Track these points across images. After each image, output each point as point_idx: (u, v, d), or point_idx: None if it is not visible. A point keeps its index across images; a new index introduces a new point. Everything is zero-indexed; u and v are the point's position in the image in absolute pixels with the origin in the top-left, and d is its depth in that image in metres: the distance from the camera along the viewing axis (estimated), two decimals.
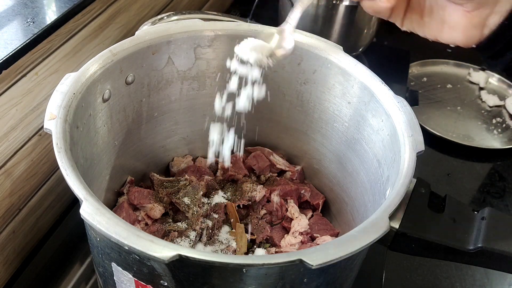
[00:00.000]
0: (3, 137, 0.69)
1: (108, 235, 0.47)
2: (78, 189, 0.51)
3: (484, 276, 0.83)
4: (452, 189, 0.97)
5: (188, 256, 0.46)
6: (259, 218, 0.76)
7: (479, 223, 0.56)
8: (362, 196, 0.71)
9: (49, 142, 0.78)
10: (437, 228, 0.55)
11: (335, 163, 0.77)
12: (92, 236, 0.58)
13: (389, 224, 0.52)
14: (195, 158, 0.84)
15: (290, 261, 0.47)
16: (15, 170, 0.73)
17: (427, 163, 1.01)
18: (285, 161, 0.84)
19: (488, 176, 1.01)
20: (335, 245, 0.49)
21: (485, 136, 1.08)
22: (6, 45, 0.67)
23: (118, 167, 0.74)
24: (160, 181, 0.76)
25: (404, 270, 0.83)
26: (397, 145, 0.62)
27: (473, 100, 1.17)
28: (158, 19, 0.90)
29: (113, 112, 0.69)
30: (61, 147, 0.54)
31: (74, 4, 0.77)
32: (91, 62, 0.64)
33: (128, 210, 0.72)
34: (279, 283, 0.52)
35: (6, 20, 0.72)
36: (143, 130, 0.76)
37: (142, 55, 0.69)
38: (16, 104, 0.70)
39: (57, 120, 0.57)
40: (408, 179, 0.56)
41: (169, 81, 0.74)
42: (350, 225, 0.74)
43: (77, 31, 0.80)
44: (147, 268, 0.52)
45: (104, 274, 0.60)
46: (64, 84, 0.61)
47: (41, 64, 0.73)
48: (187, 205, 0.72)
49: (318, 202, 0.79)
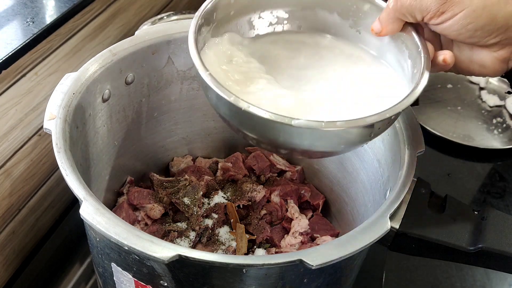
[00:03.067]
0: (3, 137, 0.69)
1: (108, 235, 0.47)
2: (78, 189, 0.51)
3: (484, 276, 0.83)
4: (452, 189, 0.97)
5: (188, 256, 0.46)
6: (259, 218, 0.76)
7: (479, 223, 0.56)
8: (362, 196, 0.71)
9: (48, 142, 0.78)
10: (437, 228, 0.55)
11: (335, 163, 0.77)
12: (92, 236, 0.58)
13: (389, 224, 0.52)
14: (195, 158, 0.84)
15: (290, 261, 0.47)
16: (15, 170, 0.73)
17: (427, 163, 1.00)
18: (285, 161, 0.84)
19: (489, 176, 1.01)
20: (335, 245, 0.49)
21: (485, 136, 1.08)
22: (6, 45, 0.67)
23: (118, 167, 0.74)
24: (160, 181, 0.76)
25: (404, 270, 0.82)
26: (397, 145, 0.62)
27: (473, 100, 1.17)
28: (158, 19, 0.90)
29: (113, 112, 0.69)
30: (61, 147, 0.54)
31: (74, 4, 0.77)
32: (90, 62, 0.64)
33: (128, 210, 0.72)
34: (279, 283, 0.52)
35: (5, 20, 0.72)
36: (143, 130, 0.76)
37: (142, 55, 0.69)
38: (16, 104, 0.70)
39: (57, 120, 0.57)
40: (408, 179, 0.56)
41: (169, 81, 0.74)
42: (350, 225, 0.74)
43: (77, 31, 0.79)
44: (147, 268, 0.52)
45: (104, 274, 0.60)
46: (64, 84, 0.61)
47: (41, 64, 0.73)
48: (187, 205, 0.72)
49: (318, 202, 0.79)
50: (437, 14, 0.51)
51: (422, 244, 0.56)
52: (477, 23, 0.49)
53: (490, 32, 0.50)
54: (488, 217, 0.56)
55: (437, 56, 0.54)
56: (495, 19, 0.49)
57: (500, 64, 0.53)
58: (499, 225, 0.55)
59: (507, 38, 0.50)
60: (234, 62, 0.58)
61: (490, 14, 0.49)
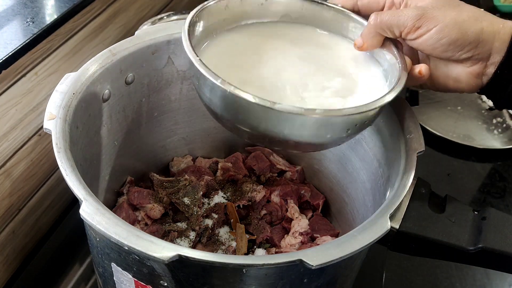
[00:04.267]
0: (3, 137, 0.69)
1: (108, 235, 0.47)
2: (78, 189, 0.51)
3: (484, 276, 0.83)
4: (452, 189, 0.97)
5: (188, 256, 0.46)
6: (259, 218, 0.76)
7: (480, 223, 0.56)
8: (362, 196, 0.71)
9: (48, 142, 0.78)
10: (437, 228, 0.55)
11: (335, 163, 0.77)
12: (92, 236, 0.58)
13: (389, 224, 0.52)
14: (195, 158, 0.84)
15: (290, 261, 0.47)
16: (15, 170, 0.73)
17: (427, 163, 1.00)
18: (285, 161, 0.84)
19: (489, 176, 1.01)
20: (335, 245, 0.49)
21: (485, 136, 1.08)
22: (5, 45, 0.67)
23: (118, 167, 0.74)
24: (160, 181, 0.76)
25: (404, 270, 0.82)
26: (397, 145, 0.62)
27: (473, 100, 1.17)
28: (158, 19, 0.90)
29: (113, 112, 0.69)
30: (61, 147, 0.54)
31: (74, 4, 0.77)
32: (90, 62, 0.64)
33: (128, 210, 0.72)
34: (279, 283, 0.52)
35: (5, 20, 0.72)
36: (143, 130, 0.76)
37: (142, 55, 0.69)
38: (15, 104, 0.70)
39: (57, 120, 0.57)
40: (408, 179, 0.56)
41: (169, 81, 0.74)
42: (350, 225, 0.74)
43: (77, 31, 0.79)
44: (147, 268, 0.52)
45: (104, 274, 0.60)
46: (64, 84, 0.61)
47: (41, 64, 0.73)
48: (187, 205, 0.72)
49: (318, 202, 0.79)
50: (413, 29, 0.55)
51: (422, 244, 0.56)
52: (449, 37, 0.54)
53: (462, 46, 0.54)
54: (488, 217, 0.56)
55: (413, 69, 0.57)
56: (466, 34, 0.54)
57: (474, 79, 0.56)
58: (499, 225, 0.55)
59: (479, 53, 0.55)
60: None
61: (461, 29, 0.54)
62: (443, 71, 0.58)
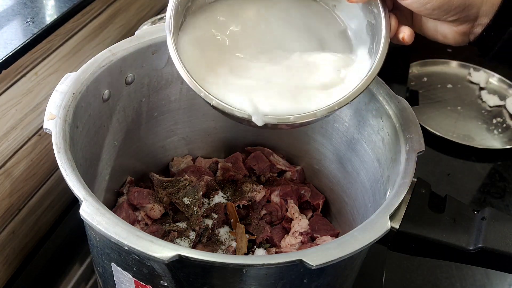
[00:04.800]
0: (3, 137, 0.69)
1: (108, 235, 0.47)
2: (78, 189, 0.51)
3: (484, 276, 0.83)
4: (452, 189, 0.97)
5: (188, 256, 0.46)
6: (259, 218, 0.76)
7: (480, 223, 0.56)
8: (362, 196, 0.71)
9: (48, 142, 0.78)
10: (437, 228, 0.55)
11: (335, 163, 0.77)
12: (92, 236, 0.58)
13: (389, 224, 0.52)
14: (195, 158, 0.84)
15: (290, 261, 0.47)
16: (15, 170, 0.73)
17: (427, 163, 1.01)
18: (285, 161, 0.84)
19: (489, 176, 1.01)
20: (335, 245, 0.49)
21: (485, 136, 1.08)
22: (6, 45, 0.67)
23: (118, 167, 0.74)
24: (160, 181, 0.76)
25: (404, 270, 0.82)
26: (397, 145, 0.62)
27: (473, 100, 1.17)
28: (157, 19, 0.90)
29: (113, 112, 0.69)
30: (61, 147, 0.54)
31: (74, 4, 0.77)
32: (90, 62, 0.64)
33: (128, 210, 0.72)
34: (279, 283, 0.52)
35: (5, 20, 0.72)
36: (143, 130, 0.76)
37: (142, 55, 0.69)
38: (15, 104, 0.70)
39: (57, 120, 0.57)
40: (408, 179, 0.56)
41: (169, 81, 0.74)
42: (350, 225, 0.74)
43: (77, 31, 0.80)
44: (147, 268, 0.52)
45: (104, 274, 0.60)
46: (64, 84, 0.61)
47: (41, 64, 0.73)
48: (187, 205, 0.72)
49: (318, 202, 0.79)
50: None
51: (422, 244, 0.56)
52: (433, 3, 0.54)
53: (447, 11, 0.54)
54: (488, 217, 0.56)
55: (398, 32, 0.58)
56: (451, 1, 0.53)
57: (461, 37, 0.57)
58: (499, 225, 0.55)
59: (465, 16, 0.54)
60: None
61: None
62: (432, 26, 0.58)
